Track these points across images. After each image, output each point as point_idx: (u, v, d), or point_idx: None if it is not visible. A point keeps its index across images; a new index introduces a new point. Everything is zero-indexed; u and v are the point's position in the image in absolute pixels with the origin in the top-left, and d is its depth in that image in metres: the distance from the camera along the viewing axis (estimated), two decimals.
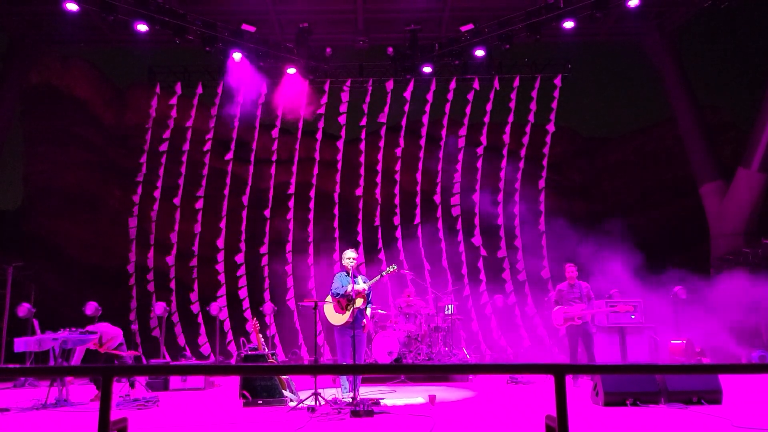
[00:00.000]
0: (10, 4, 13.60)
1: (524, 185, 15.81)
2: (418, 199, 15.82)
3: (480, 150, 15.86)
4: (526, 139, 15.87)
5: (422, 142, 15.96)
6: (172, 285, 15.04)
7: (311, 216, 15.69)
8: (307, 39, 14.59)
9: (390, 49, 14.95)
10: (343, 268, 8.16)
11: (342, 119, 16.03)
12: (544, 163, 15.85)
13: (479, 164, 15.83)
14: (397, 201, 15.82)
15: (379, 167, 15.94)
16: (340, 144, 16.04)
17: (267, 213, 15.66)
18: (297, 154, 15.97)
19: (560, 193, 16.03)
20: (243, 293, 15.22)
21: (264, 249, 15.49)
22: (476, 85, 15.89)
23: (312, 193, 15.80)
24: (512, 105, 15.95)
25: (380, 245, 15.49)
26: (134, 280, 14.94)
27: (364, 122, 16.07)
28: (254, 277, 15.36)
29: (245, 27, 14.00)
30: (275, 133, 15.93)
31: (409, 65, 15.18)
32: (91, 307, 11.42)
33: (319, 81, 15.84)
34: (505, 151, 15.88)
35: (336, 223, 15.68)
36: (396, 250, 15.45)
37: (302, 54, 14.87)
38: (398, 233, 15.61)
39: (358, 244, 15.23)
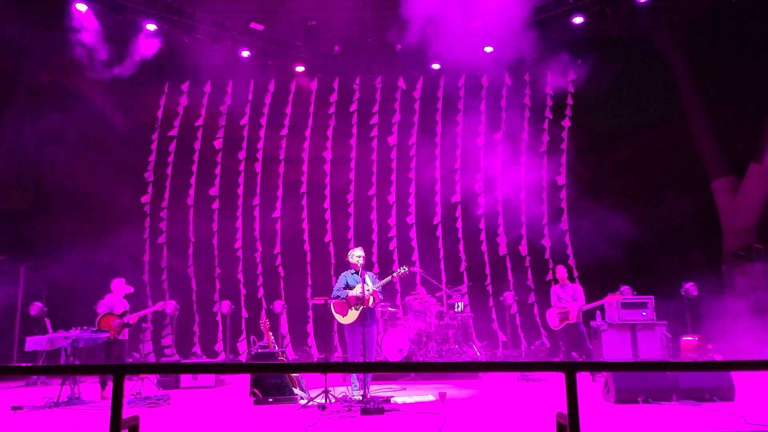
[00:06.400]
0: (21, 4, 13.67)
1: (535, 182, 15.81)
2: (411, 198, 15.76)
3: (499, 147, 15.83)
4: (545, 137, 15.86)
5: (438, 139, 15.92)
6: (182, 283, 15.11)
7: (328, 215, 15.69)
8: (316, 37, 14.59)
9: (399, 46, 14.92)
10: (352, 266, 8.21)
11: (351, 117, 16.03)
12: (563, 160, 15.84)
13: (499, 162, 15.79)
14: (411, 200, 15.79)
15: (393, 165, 15.92)
16: (352, 142, 16.03)
17: (278, 213, 15.68)
18: (306, 153, 15.98)
19: (571, 189, 15.94)
20: (253, 292, 15.27)
21: (277, 249, 15.52)
22: (485, 81, 15.84)
23: (327, 192, 15.80)
24: (527, 101, 15.91)
25: (394, 245, 15.48)
26: (147, 279, 15.04)
27: (375, 120, 16.06)
28: (263, 275, 15.40)
29: (253, 25, 14.02)
30: (284, 131, 15.94)
31: (418, 62, 15.14)
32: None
33: (328, 79, 15.84)
34: (523, 147, 15.85)
35: (351, 222, 15.68)
36: (410, 249, 15.44)
37: (311, 52, 14.88)
38: (412, 232, 15.58)
39: (371, 243, 15.22)
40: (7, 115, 14.69)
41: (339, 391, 8.04)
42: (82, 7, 12.74)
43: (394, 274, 8.17)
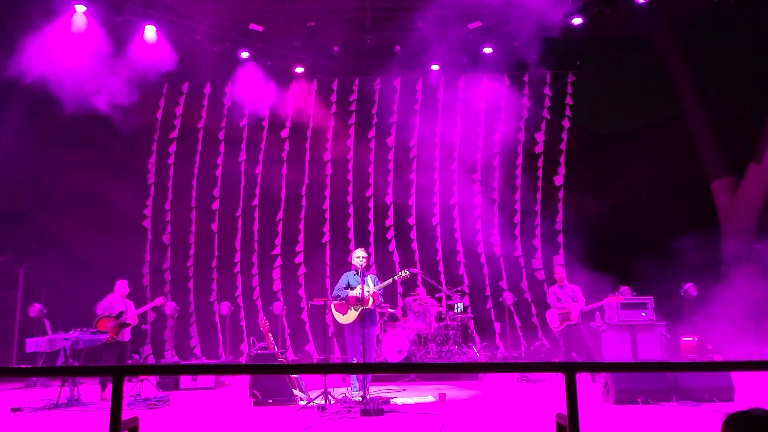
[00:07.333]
0: (20, 4, 13.66)
1: (534, 182, 15.83)
2: (412, 200, 15.74)
3: (497, 148, 15.82)
4: (540, 136, 15.86)
5: (438, 140, 15.91)
6: (182, 284, 15.10)
7: (327, 216, 15.66)
8: (315, 38, 14.59)
9: (398, 48, 14.92)
10: (353, 267, 8.21)
11: (350, 118, 16.02)
12: (562, 160, 15.83)
13: (498, 162, 15.78)
14: (411, 201, 15.76)
15: (391, 166, 15.90)
16: (351, 143, 16.02)
17: (280, 214, 15.66)
18: (308, 154, 15.96)
19: (570, 190, 15.94)
20: (253, 293, 15.26)
21: (277, 250, 15.50)
22: (485, 82, 15.84)
23: (327, 193, 15.77)
24: (526, 101, 15.91)
25: (393, 246, 15.46)
26: (146, 281, 15.02)
27: (374, 121, 16.04)
28: (262, 276, 15.39)
29: (253, 26, 14.02)
30: (285, 132, 15.93)
31: (417, 63, 15.14)
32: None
33: (327, 80, 15.84)
34: (520, 149, 15.84)
35: (350, 223, 15.67)
36: (411, 251, 15.42)
37: (310, 53, 14.87)
38: (413, 233, 15.56)
39: (369, 245, 15.20)
40: (6, 115, 14.69)
41: (339, 393, 8.03)
42: (81, 8, 12.73)
43: (396, 277, 8.20)
